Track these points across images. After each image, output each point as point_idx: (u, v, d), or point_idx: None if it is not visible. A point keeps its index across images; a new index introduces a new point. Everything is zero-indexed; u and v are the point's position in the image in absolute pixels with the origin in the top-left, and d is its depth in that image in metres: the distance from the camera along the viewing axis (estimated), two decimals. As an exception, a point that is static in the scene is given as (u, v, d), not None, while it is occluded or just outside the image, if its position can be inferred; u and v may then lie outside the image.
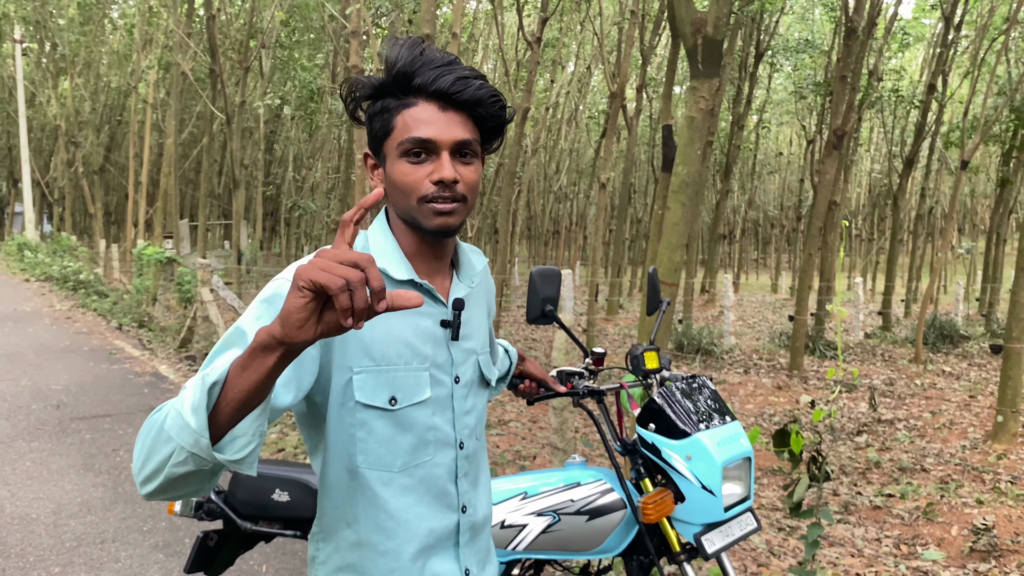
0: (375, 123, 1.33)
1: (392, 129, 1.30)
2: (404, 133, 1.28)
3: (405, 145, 1.28)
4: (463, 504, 1.41)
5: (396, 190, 1.31)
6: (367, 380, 1.29)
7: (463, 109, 1.30)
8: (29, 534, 4.22)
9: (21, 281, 19.84)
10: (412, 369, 1.33)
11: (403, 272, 1.33)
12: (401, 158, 1.29)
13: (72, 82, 25.67)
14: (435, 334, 1.36)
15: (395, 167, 1.30)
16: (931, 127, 16.72)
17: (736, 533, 2.13)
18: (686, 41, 4.97)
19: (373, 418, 1.30)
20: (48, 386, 7.77)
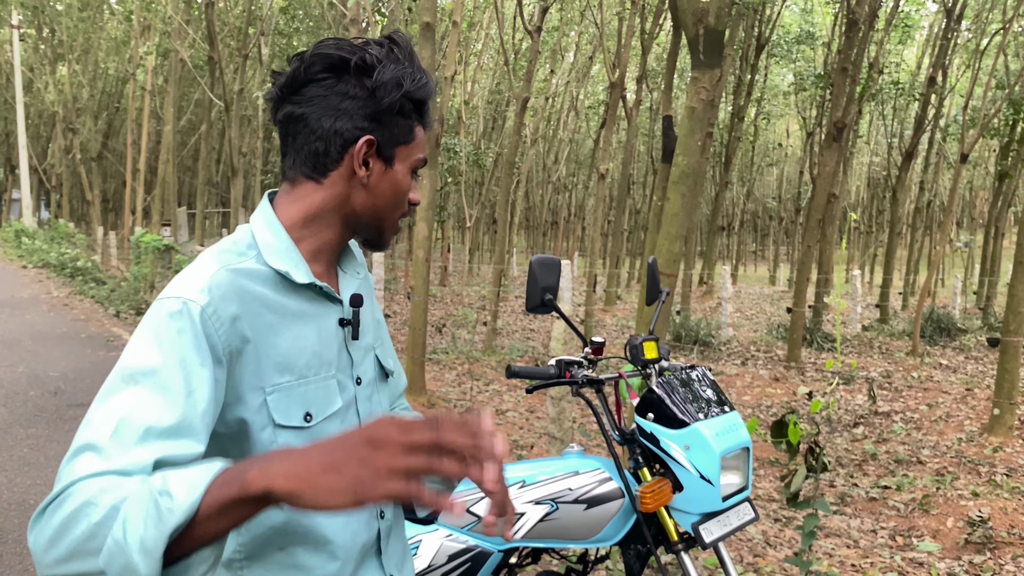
0: (402, 123, 1.24)
1: (413, 140, 1.26)
2: (420, 150, 1.28)
3: (419, 162, 1.28)
4: (382, 510, 1.30)
5: (388, 197, 1.25)
6: (281, 399, 1.15)
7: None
8: (26, 520, 4.23)
9: (18, 268, 19.81)
10: (321, 379, 1.20)
11: (303, 275, 1.20)
12: (410, 171, 1.27)
13: (70, 68, 25.57)
14: (337, 335, 1.25)
15: (399, 176, 1.25)
16: (931, 120, 16.70)
17: (734, 523, 2.13)
18: (688, 31, 4.95)
19: (292, 439, 1.16)
20: (45, 373, 7.77)
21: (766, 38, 18.97)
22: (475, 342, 11.70)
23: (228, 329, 1.10)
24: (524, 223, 40.99)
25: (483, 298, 18.99)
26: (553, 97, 25.15)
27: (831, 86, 12.54)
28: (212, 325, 1.08)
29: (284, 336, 1.17)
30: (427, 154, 1.30)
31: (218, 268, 1.14)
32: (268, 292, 1.17)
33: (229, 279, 1.13)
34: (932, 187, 23.46)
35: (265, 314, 1.15)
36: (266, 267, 1.19)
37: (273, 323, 1.16)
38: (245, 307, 1.13)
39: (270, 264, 1.18)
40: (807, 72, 20.91)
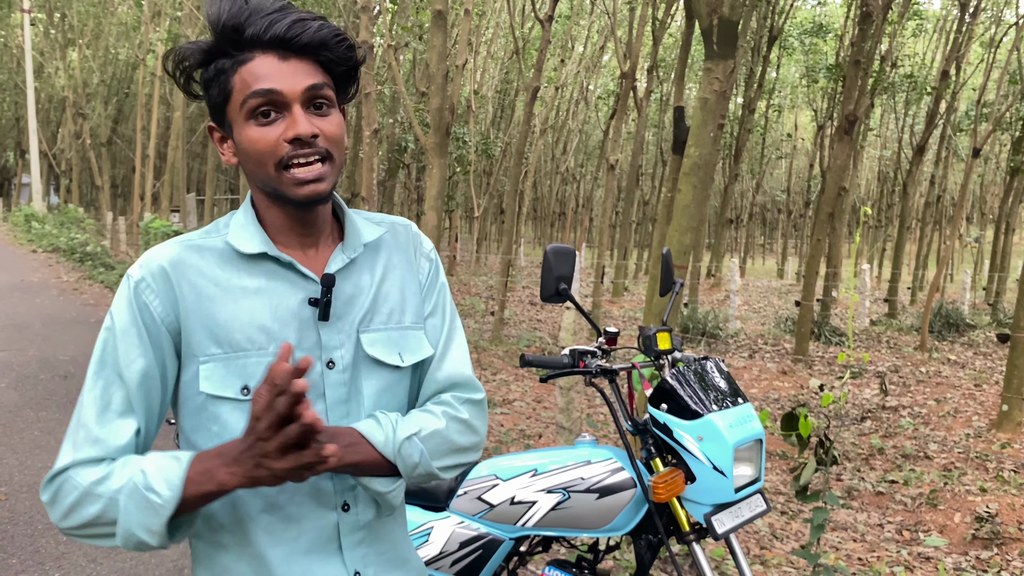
0: (212, 89, 1.17)
1: (231, 91, 1.15)
2: (245, 91, 1.13)
3: (249, 103, 1.13)
4: (343, 501, 1.24)
5: (249, 159, 1.16)
6: (215, 369, 1.16)
7: (307, 55, 1.15)
8: (37, 502, 4.26)
9: (28, 252, 19.90)
10: (267, 355, 1.17)
11: (255, 245, 1.19)
12: (248, 121, 1.14)
13: (80, 53, 25.61)
14: (301, 315, 1.20)
15: (243, 132, 1.15)
16: (943, 114, 16.61)
17: (746, 514, 2.13)
18: (702, 21, 4.92)
19: (226, 411, 1.17)
20: (55, 356, 7.81)
21: (779, 29, 18.86)
22: (483, 331, 11.71)
23: (161, 300, 1.17)
24: (532, 213, 40.95)
25: (490, 288, 19.00)
26: (563, 87, 25.07)
27: (843, 78, 12.47)
28: (145, 296, 1.17)
29: (224, 308, 1.17)
30: (268, 84, 1.13)
31: (172, 245, 1.21)
32: (215, 266, 1.19)
33: (174, 254, 1.19)
34: (942, 182, 23.34)
35: (206, 286, 1.18)
36: (224, 243, 1.21)
37: (214, 295, 1.18)
38: (182, 279, 1.17)
39: (228, 239, 1.21)
40: (819, 65, 20.80)
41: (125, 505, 1.08)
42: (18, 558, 3.64)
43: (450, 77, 8.77)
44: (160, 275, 1.17)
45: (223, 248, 1.21)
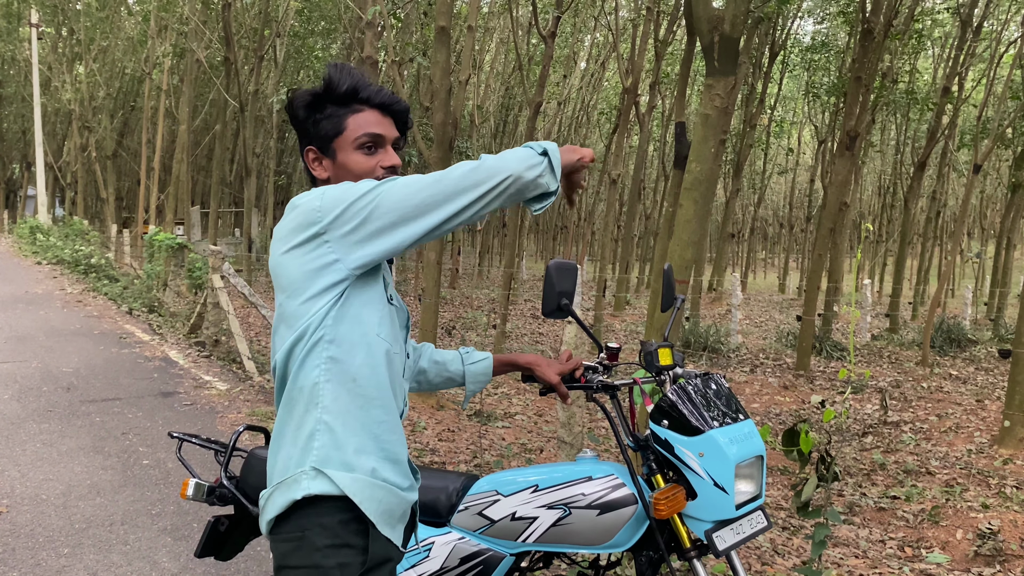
0: (324, 125, 1.72)
1: (344, 129, 1.71)
2: (358, 131, 1.70)
3: (362, 139, 1.70)
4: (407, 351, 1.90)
5: (351, 174, 1.70)
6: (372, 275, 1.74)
7: (393, 116, 1.77)
8: (39, 515, 4.27)
9: (33, 264, 19.94)
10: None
11: None
12: (357, 151, 1.71)
13: (87, 67, 25.75)
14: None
15: (350, 157, 1.71)
16: (944, 130, 16.64)
17: (747, 531, 2.14)
18: (703, 38, 4.96)
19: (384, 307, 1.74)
20: (59, 368, 7.83)
21: (780, 46, 18.94)
22: (485, 345, 11.71)
23: None
24: (534, 227, 40.98)
25: (493, 301, 19.01)
26: (565, 102, 25.16)
27: (845, 94, 12.52)
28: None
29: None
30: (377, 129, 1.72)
31: None
32: None
33: None
34: (943, 197, 23.36)
35: None
36: None
37: None
38: None
39: None
40: (821, 81, 20.88)
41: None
42: (19, 571, 3.64)
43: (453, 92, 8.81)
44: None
45: None
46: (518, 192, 1.56)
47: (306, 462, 1.58)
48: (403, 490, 1.70)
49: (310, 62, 22.33)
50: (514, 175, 1.53)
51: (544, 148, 1.59)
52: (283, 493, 1.58)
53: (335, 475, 1.57)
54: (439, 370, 2.14)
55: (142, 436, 5.78)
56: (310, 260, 1.56)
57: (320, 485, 1.56)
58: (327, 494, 1.56)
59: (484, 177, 1.52)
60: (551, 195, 1.61)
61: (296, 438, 1.61)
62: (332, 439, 1.59)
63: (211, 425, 6.20)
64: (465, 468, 5.51)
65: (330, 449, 1.58)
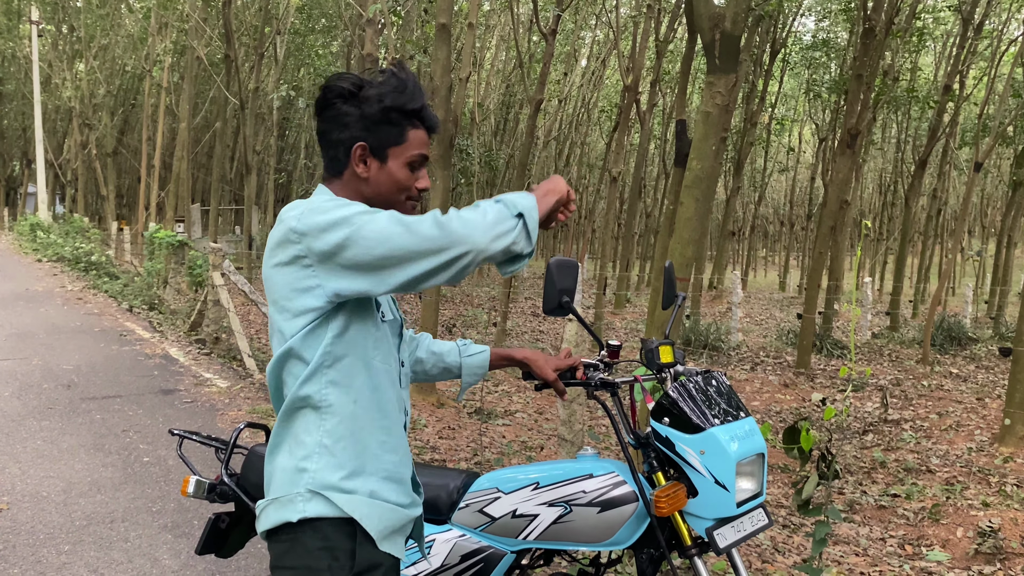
0: (390, 131, 1.68)
1: (404, 141, 1.69)
2: (415, 148, 1.70)
3: (414, 158, 1.70)
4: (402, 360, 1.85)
5: (393, 185, 1.70)
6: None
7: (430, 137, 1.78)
8: (39, 512, 4.27)
9: (33, 261, 19.95)
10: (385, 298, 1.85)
11: None
12: (406, 165, 1.70)
13: (87, 65, 25.75)
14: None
15: (399, 170, 1.70)
16: (946, 128, 16.63)
17: (748, 528, 2.14)
18: (704, 36, 4.96)
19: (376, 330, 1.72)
20: (59, 366, 7.83)
21: (781, 44, 18.93)
22: (486, 343, 11.71)
23: None
24: (535, 225, 40.85)
25: (493, 299, 19.01)
26: (566, 100, 25.15)
27: (846, 92, 12.51)
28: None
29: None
30: (426, 151, 1.73)
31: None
32: None
33: None
34: (944, 195, 23.35)
35: None
36: None
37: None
38: None
39: None
40: (822, 79, 20.86)
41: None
42: (19, 568, 3.64)
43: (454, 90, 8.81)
44: None
45: None
46: (485, 262, 1.52)
47: (302, 483, 1.58)
48: (404, 507, 1.69)
49: (310, 59, 22.30)
50: (475, 251, 1.48)
51: (520, 210, 1.52)
52: (278, 511, 1.60)
53: (334, 497, 1.57)
54: (436, 361, 2.15)
55: (142, 433, 5.78)
56: (295, 280, 1.56)
57: (316, 507, 1.57)
58: (323, 516, 1.57)
59: (447, 243, 1.47)
60: (525, 257, 1.56)
61: (293, 453, 1.61)
62: (330, 462, 1.59)
63: (211, 422, 6.20)
64: (466, 466, 5.51)
65: (328, 472, 1.58)
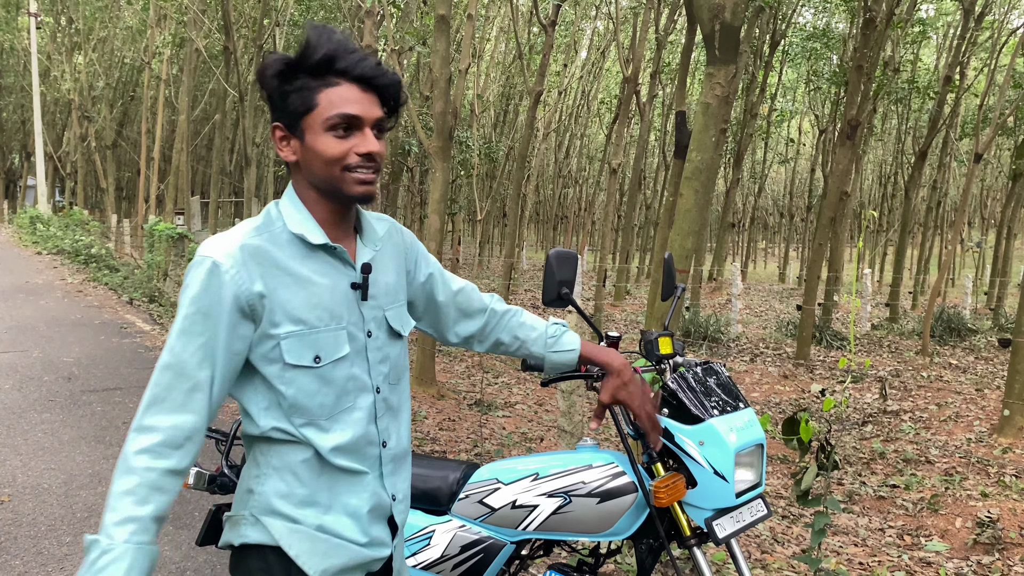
0: (294, 99, 1.44)
1: (315, 106, 1.44)
2: (330, 110, 1.43)
3: (333, 120, 1.43)
4: (383, 440, 1.58)
5: (319, 160, 1.45)
6: (293, 344, 1.45)
7: (377, 92, 1.48)
8: (41, 504, 4.28)
9: (33, 254, 19.94)
10: (331, 330, 1.48)
11: (319, 237, 1.48)
12: (327, 132, 1.43)
13: (86, 57, 25.67)
14: (348, 295, 1.52)
15: (319, 140, 1.44)
16: (946, 119, 16.60)
17: (747, 519, 2.14)
18: (703, 27, 4.94)
19: (300, 376, 1.46)
20: (60, 358, 7.84)
21: (781, 35, 18.88)
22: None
23: (247, 290, 1.41)
24: (534, 217, 40.94)
25: (493, 291, 18.98)
26: (566, 91, 25.09)
27: (846, 84, 12.49)
28: (235, 284, 1.40)
29: (299, 294, 1.46)
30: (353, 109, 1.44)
31: (247, 238, 1.44)
32: (287, 256, 1.46)
33: (254, 248, 1.43)
34: (944, 186, 23.32)
35: (282, 276, 1.45)
36: (290, 234, 1.48)
37: (290, 283, 1.45)
38: (265, 270, 1.43)
39: (291, 229, 1.48)
40: (822, 70, 20.82)
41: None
42: (21, 559, 3.65)
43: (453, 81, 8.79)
44: (240, 259, 1.41)
45: (289, 237, 1.48)
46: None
47: (248, 504, 1.51)
48: (360, 546, 1.54)
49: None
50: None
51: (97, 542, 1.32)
52: (228, 531, 1.55)
53: (272, 524, 1.48)
54: (519, 346, 1.91)
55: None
56: None
57: (257, 534, 1.49)
58: (263, 544, 1.49)
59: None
60: None
61: (249, 471, 1.54)
62: (277, 488, 1.49)
63: (212, 415, 6.21)
64: (466, 457, 5.53)
65: (273, 497, 1.49)
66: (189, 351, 1.37)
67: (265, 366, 1.45)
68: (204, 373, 1.39)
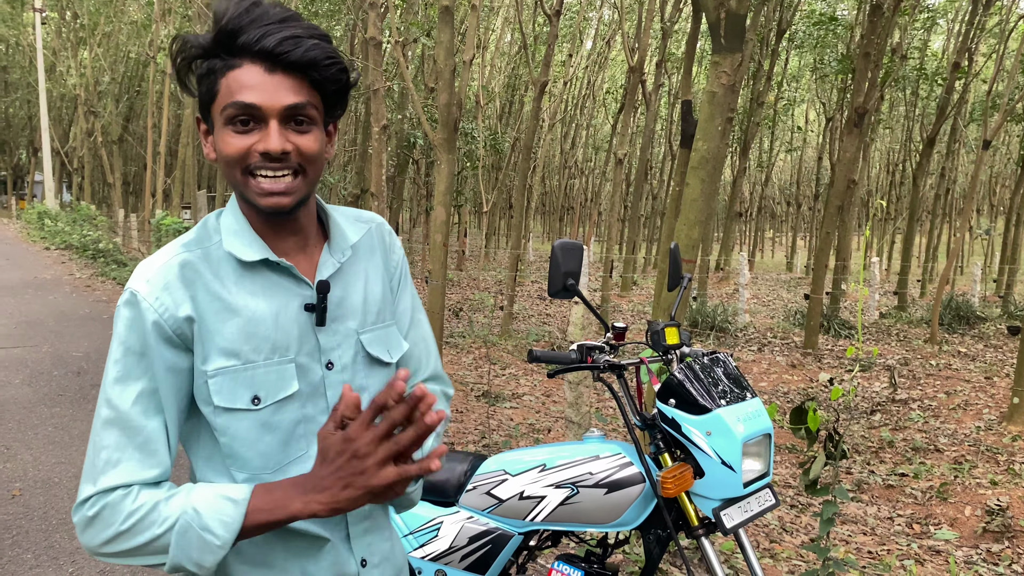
0: (202, 86, 1.17)
1: (216, 93, 1.15)
2: (227, 98, 1.13)
3: (228, 111, 1.13)
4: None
5: (222, 160, 1.17)
6: (224, 382, 1.17)
7: (294, 71, 1.14)
8: (51, 498, 4.31)
9: (41, 249, 20.02)
10: (274, 364, 1.20)
11: (255, 252, 1.20)
12: (226, 126, 1.14)
13: (92, 52, 25.70)
14: (299, 320, 1.23)
15: (220, 135, 1.16)
16: (954, 105, 16.49)
17: (755, 509, 2.14)
18: (709, 15, 4.91)
19: (235, 421, 1.19)
20: (69, 353, 7.87)
21: (788, 23, 18.76)
22: (492, 326, 11.73)
23: (172, 316, 1.15)
24: (541, 208, 40.90)
25: (499, 282, 19.01)
26: (571, 81, 25.03)
27: (853, 71, 12.42)
28: (156, 312, 1.14)
29: (231, 322, 1.18)
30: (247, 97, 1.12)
31: (171, 257, 1.18)
32: (220, 277, 1.19)
33: (179, 268, 1.17)
34: (952, 173, 23.19)
35: (212, 300, 1.17)
36: (222, 251, 1.21)
37: (220, 309, 1.17)
38: (194, 293, 1.17)
39: (225, 247, 1.20)
40: (829, 57, 20.70)
41: (178, 541, 1.10)
42: (32, 553, 3.68)
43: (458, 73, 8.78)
44: (169, 290, 1.16)
45: (223, 256, 1.20)
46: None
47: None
48: None
49: (314, 44, 22.17)
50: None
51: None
52: None
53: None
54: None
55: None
56: None
57: None
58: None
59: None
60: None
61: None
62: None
63: (221, 408, 6.24)
64: (473, 448, 5.54)
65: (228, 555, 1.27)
66: (129, 400, 1.13)
67: (203, 408, 1.19)
68: (154, 423, 1.14)
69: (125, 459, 1.12)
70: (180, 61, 1.17)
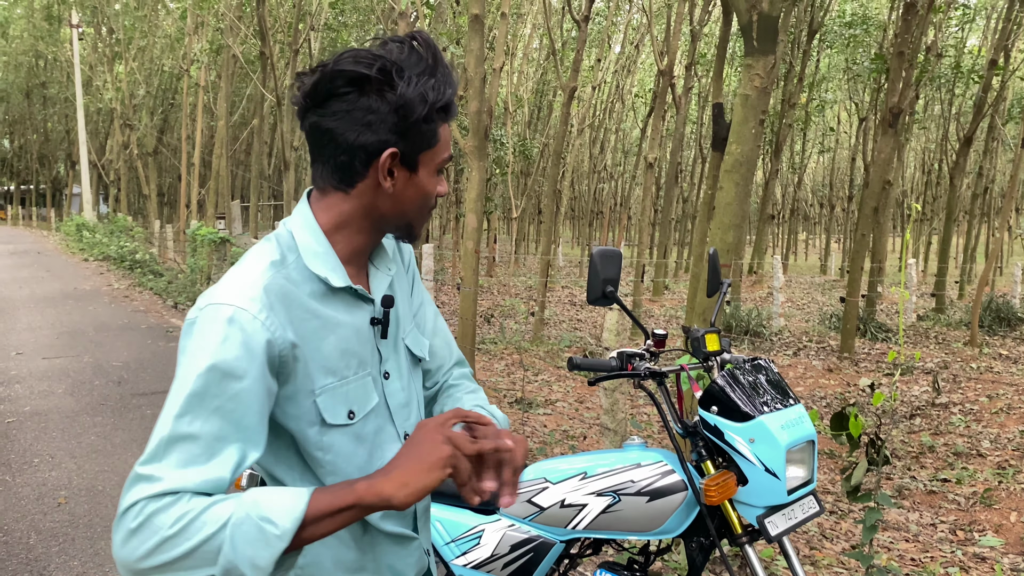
0: (423, 130, 1.24)
1: (437, 142, 1.27)
2: (444, 151, 1.29)
3: (444, 162, 1.30)
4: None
5: (419, 197, 1.29)
6: (328, 399, 1.23)
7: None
8: (96, 505, 4.38)
9: (80, 261, 20.40)
10: (360, 378, 1.28)
11: (340, 279, 1.26)
12: (436, 172, 1.30)
13: (127, 66, 26.20)
14: (369, 335, 1.31)
15: (430, 179, 1.29)
16: (991, 103, 16.21)
17: (799, 516, 2.12)
18: (740, 17, 4.89)
19: (337, 437, 1.25)
20: (109, 363, 8.01)
21: (819, 23, 18.59)
22: (524, 332, 11.73)
23: (283, 337, 1.16)
24: (570, 213, 40.85)
25: (530, 288, 19.01)
26: (600, 86, 25.00)
27: (887, 70, 12.27)
28: (269, 331, 1.15)
29: (328, 340, 1.23)
30: (451, 151, 1.31)
31: (266, 277, 1.19)
32: (312, 298, 1.23)
33: (279, 287, 1.19)
34: (990, 173, 22.77)
35: (310, 319, 1.21)
36: (307, 271, 1.24)
37: (317, 328, 1.22)
38: (293, 314, 1.19)
39: (311, 268, 1.24)
40: (861, 57, 20.47)
41: (232, 535, 1.03)
42: (79, 560, 3.74)
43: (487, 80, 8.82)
44: (267, 302, 1.16)
45: (310, 277, 1.24)
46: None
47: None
48: None
49: (344, 54, 22.39)
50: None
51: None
52: None
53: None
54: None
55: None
56: None
57: None
58: None
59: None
60: None
61: None
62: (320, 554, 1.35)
63: (258, 416, 6.30)
64: (509, 455, 5.53)
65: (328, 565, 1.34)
66: (203, 422, 1.08)
67: (305, 428, 1.22)
68: (230, 449, 1.10)
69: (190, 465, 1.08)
70: (420, 104, 1.21)
